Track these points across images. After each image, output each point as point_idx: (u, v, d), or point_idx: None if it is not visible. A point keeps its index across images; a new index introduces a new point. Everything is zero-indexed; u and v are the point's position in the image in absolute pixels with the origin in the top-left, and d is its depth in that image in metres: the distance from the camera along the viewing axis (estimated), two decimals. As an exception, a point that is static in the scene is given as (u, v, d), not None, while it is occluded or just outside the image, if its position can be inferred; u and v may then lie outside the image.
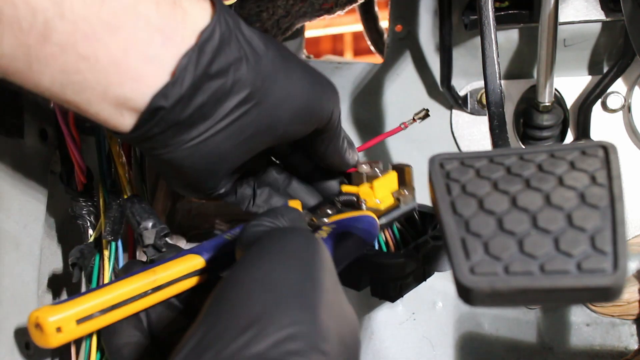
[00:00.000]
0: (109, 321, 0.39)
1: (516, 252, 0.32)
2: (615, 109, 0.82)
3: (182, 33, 0.37)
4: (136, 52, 0.36)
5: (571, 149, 0.37)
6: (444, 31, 0.82)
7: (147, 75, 0.36)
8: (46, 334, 0.36)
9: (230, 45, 0.39)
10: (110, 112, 0.37)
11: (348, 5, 0.93)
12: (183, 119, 0.38)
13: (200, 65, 0.37)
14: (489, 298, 0.31)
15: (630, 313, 0.79)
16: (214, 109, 0.39)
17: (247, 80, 0.40)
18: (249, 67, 0.40)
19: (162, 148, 0.40)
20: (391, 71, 0.93)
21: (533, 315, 0.85)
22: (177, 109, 0.38)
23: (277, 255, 0.32)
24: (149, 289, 0.40)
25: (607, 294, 0.30)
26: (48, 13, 0.32)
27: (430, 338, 0.87)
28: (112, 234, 0.49)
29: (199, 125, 0.39)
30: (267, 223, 0.39)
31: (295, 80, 0.43)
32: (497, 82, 0.59)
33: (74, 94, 0.36)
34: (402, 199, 0.55)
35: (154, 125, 0.38)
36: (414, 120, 0.61)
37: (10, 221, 0.52)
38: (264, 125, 0.42)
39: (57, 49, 0.34)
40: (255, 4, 0.85)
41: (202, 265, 0.43)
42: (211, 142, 0.40)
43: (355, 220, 0.49)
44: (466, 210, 0.34)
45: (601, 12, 0.76)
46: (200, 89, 0.38)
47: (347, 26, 3.46)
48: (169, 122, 0.38)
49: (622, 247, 0.31)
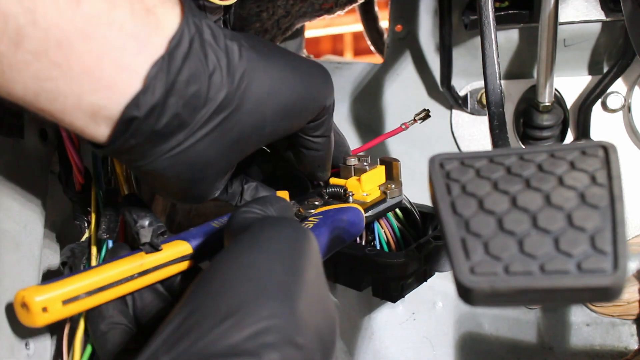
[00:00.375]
0: (95, 303, 0.39)
1: (516, 252, 0.32)
2: (615, 109, 0.82)
3: (155, 40, 0.36)
4: (110, 60, 0.35)
5: (571, 149, 0.37)
6: (444, 31, 0.82)
7: (120, 84, 0.36)
8: (32, 313, 0.36)
9: (200, 50, 0.38)
10: (86, 121, 0.37)
11: (348, 5, 0.93)
12: (159, 128, 0.38)
13: (172, 73, 0.37)
14: (489, 298, 0.31)
15: (630, 313, 0.79)
16: (191, 117, 0.39)
17: (222, 84, 0.39)
18: (222, 70, 0.39)
19: (142, 160, 0.39)
20: (391, 71, 0.93)
21: (533, 315, 0.85)
22: (152, 119, 0.37)
23: (265, 244, 0.32)
24: (136, 273, 0.41)
25: (607, 294, 0.30)
26: (20, 20, 0.32)
27: (431, 338, 0.87)
28: (107, 232, 0.49)
29: (177, 135, 0.39)
30: (256, 210, 0.39)
31: (276, 75, 0.42)
32: (497, 82, 0.59)
33: (48, 102, 0.35)
34: (389, 192, 0.55)
35: (130, 136, 0.37)
36: (415, 120, 0.61)
37: (10, 221, 0.52)
38: (248, 127, 0.42)
39: (30, 56, 0.33)
40: (255, 4, 0.85)
41: (189, 252, 0.43)
42: (192, 150, 0.40)
43: (342, 212, 0.49)
44: (466, 210, 0.34)
45: (601, 12, 0.76)
46: (173, 97, 0.37)
47: (347, 26, 3.46)
48: (145, 132, 0.37)
49: (622, 247, 0.31)
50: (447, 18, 0.81)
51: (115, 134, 0.37)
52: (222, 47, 0.40)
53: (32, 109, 0.36)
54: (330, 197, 0.54)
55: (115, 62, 0.35)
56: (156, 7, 0.37)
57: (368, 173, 0.55)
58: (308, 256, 0.33)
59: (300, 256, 0.32)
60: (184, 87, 0.37)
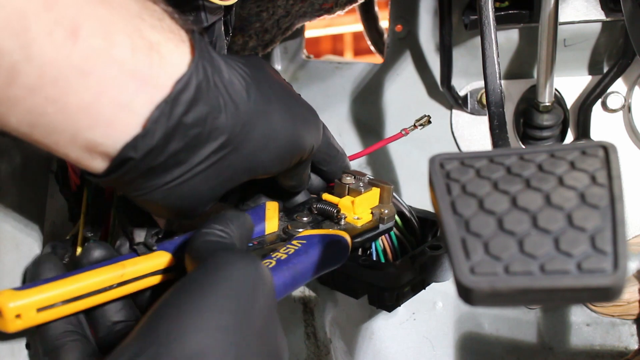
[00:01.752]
0: (70, 311, 0.38)
1: (516, 252, 0.32)
2: (615, 108, 0.82)
3: (158, 80, 0.35)
4: (108, 98, 0.34)
5: (571, 149, 0.37)
6: (444, 31, 0.82)
7: (118, 122, 0.35)
8: (5, 319, 0.35)
9: (207, 94, 0.37)
10: (81, 154, 0.36)
11: (348, 5, 0.93)
12: (156, 165, 0.37)
13: (174, 117, 0.36)
14: (489, 298, 0.31)
15: (631, 313, 0.79)
16: (189, 156, 0.38)
17: (225, 128, 0.39)
18: (228, 115, 0.39)
19: (136, 191, 0.39)
20: (391, 71, 0.93)
21: (533, 315, 0.85)
22: (149, 159, 0.37)
23: (216, 287, 0.33)
24: (115, 283, 0.40)
25: (607, 294, 0.30)
26: (14, 56, 0.31)
27: (431, 338, 0.87)
28: (92, 230, 0.49)
29: (173, 170, 0.38)
30: (217, 232, 0.39)
31: (276, 122, 0.43)
32: (497, 82, 0.59)
33: (42, 136, 0.35)
34: (381, 218, 0.53)
35: (125, 173, 0.37)
36: (415, 126, 0.61)
37: (11, 221, 0.52)
38: (242, 168, 0.42)
39: (24, 92, 0.32)
40: (255, 4, 0.85)
41: (170, 264, 0.43)
42: (186, 185, 0.40)
43: (328, 240, 0.47)
44: (466, 210, 0.34)
45: (601, 12, 0.76)
46: (174, 139, 0.37)
47: (347, 26, 3.46)
48: (141, 169, 0.37)
49: (622, 247, 0.31)
50: (447, 18, 0.81)
51: (110, 168, 0.37)
52: (231, 92, 0.39)
53: (27, 139, 0.35)
54: (319, 213, 0.53)
55: (114, 101, 0.34)
56: (160, 44, 0.36)
57: (362, 196, 0.53)
58: (257, 300, 0.34)
59: (250, 300, 0.33)
60: (186, 130, 0.37)
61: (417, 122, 0.61)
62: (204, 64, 0.37)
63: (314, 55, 1.19)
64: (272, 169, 0.45)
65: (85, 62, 0.33)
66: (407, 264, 0.54)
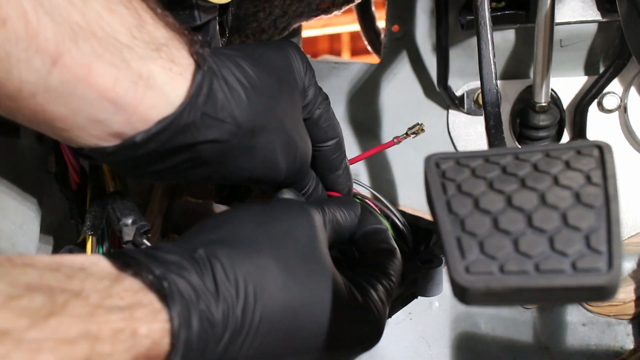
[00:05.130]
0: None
1: (511, 251, 0.32)
2: (611, 109, 0.82)
3: (139, 109, 0.37)
4: (84, 114, 0.36)
5: (566, 148, 0.37)
6: (441, 31, 0.82)
7: (92, 135, 0.37)
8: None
9: (197, 129, 0.39)
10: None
11: (345, 5, 0.93)
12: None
13: (150, 146, 0.39)
14: (485, 297, 0.31)
15: (626, 313, 0.79)
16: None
17: (210, 156, 0.42)
18: (215, 147, 0.41)
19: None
20: (388, 71, 0.93)
21: (529, 314, 0.85)
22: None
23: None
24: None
25: (602, 293, 0.30)
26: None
27: (427, 338, 0.87)
28: (92, 229, 0.48)
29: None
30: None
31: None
32: (494, 82, 0.59)
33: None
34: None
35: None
36: (408, 135, 0.61)
37: (6, 221, 0.51)
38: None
39: (5, 98, 0.34)
40: (252, 4, 0.85)
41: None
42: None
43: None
44: (462, 210, 0.34)
45: (597, 12, 0.76)
46: (157, 159, 0.40)
47: (344, 26, 3.46)
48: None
49: (617, 246, 0.31)
50: (444, 18, 0.81)
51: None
52: (223, 116, 0.42)
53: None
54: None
55: (90, 117, 0.36)
56: (151, 75, 0.37)
57: None
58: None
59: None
60: (167, 156, 0.40)
61: (410, 130, 0.61)
62: (199, 100, 0.39)
63: (311, 55, 1.19)
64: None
65: (64, 85, 0.34)
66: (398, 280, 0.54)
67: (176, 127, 0.38)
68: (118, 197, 0.48)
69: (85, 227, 0.48)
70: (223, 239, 0.39)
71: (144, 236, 0.45)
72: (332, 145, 0.54)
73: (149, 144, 0.38)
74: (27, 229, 0.54)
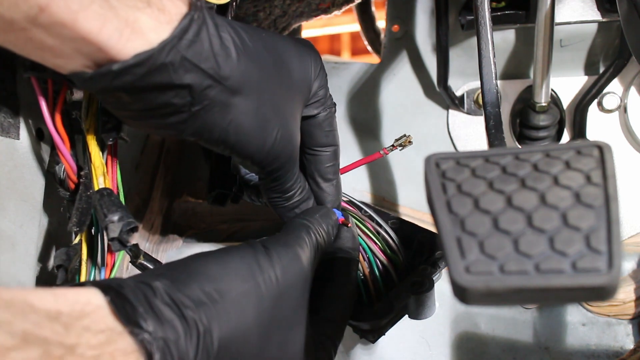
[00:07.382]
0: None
1: (511, 251, 0.32)
2: (611, 109, 0.82)
3: (121, 50, 0.38)
4: (69, 47, 0.38)
5: (566, 148, 0.37)
6: (441, 31, 0.82)
7: (68, 62, 0.39)
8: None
9: (174, 71, 0.40)
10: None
11: (345, 5, 0.93)
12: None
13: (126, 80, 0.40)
14: (485, 297, 0.31)
15: (626, 313, 0.79)
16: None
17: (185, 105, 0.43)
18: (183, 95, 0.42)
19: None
20: (388, 71, 0.93)
21: (529, 315, 0.85)
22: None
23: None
24: None
25: (602, 293, 0.30)
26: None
27: (427, 338, 0.87)
28: (77, 225, 0.48)
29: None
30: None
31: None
32: (494, 82, 0.59)
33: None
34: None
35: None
36: (394, 147, 0.60)
37: (6, 221, 0.51)
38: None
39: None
40: (252, 4, 0.85)
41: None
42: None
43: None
44: (462, 210, 0.34)
45: (597, 12, 0.76)
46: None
47: (344, 26, 3.46)
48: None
49: (617, 246, 0.31)
50: (444, 18, 0.81)
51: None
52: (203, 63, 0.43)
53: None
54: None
55: (74, 48, 0.38)
56: (137, 21, 0.39)
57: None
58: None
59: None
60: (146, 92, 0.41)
61: (397, 141, 0.60)
62: (181, 43, 0.40)
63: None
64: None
65: (52, 26, 0.36)
66: (388, 307, 0.55)
67: (153, 64, 0.39)
68: (106, 194, 0.47)
69: (72, 223, 0.47)
70: (212, 297, 0.39)
71: (130, 234, 0.44)
72: (329, 152, 0.55)
73: (125, 76, 0.39)
74: (27, 229, 0.54)
